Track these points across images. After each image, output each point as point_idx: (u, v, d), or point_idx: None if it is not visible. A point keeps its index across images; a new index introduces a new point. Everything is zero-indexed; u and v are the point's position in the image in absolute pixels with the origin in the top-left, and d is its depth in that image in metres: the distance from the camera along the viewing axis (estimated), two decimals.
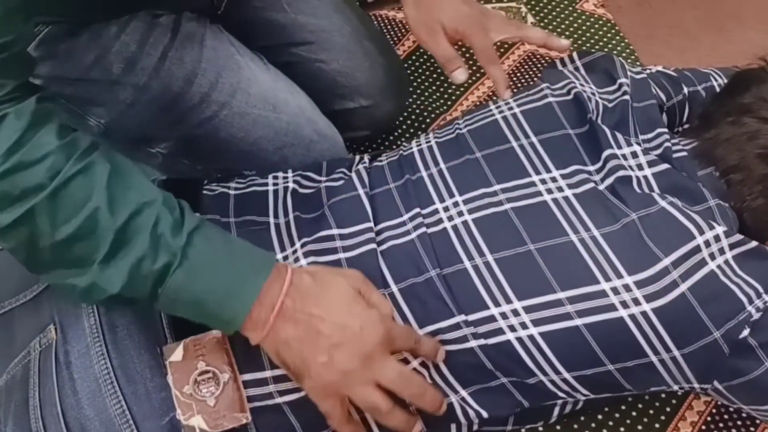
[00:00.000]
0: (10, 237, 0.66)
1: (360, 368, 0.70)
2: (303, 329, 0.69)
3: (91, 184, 0.65)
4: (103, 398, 0.72)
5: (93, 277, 0.65)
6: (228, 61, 1.02)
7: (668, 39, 1.48)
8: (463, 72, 0.96)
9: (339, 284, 0.72)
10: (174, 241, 0.66)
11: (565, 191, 0.79)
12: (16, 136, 0.63)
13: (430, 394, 0.74)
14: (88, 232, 0.64)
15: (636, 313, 0.72)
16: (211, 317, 0.69)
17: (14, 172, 0.62)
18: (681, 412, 0.98)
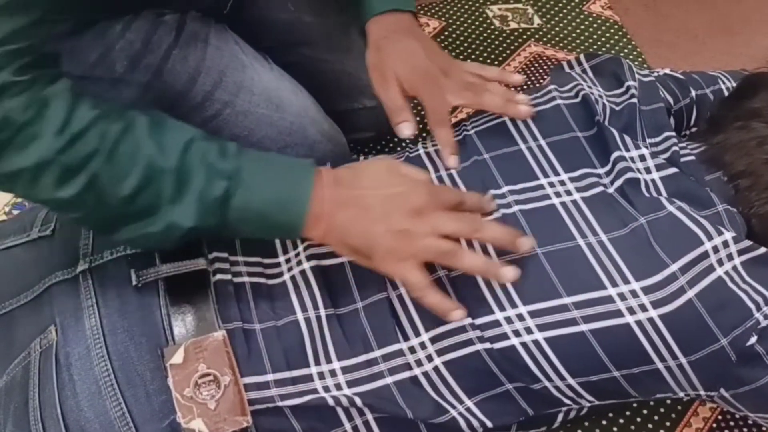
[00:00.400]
0: (79, 207, 0.70)
1: (416, 224, 0.72)
2: (354, 209, 0.73)
3: (137, 137, 0.70)
4: (103, 400, 0.71)
5: (167, 219, 0.70)
6: (232, 60, 1.02)
7: (676, 42, 1.48)
8: (409, 126, 0.89)
9: (372, 165, 0.77)
10: (225, 166, 0.71)
11: (574, 194, 0.79)
12: (63, 114, 0.67)
13: (490, 225, 0.74)
14: (149, 180, 0.69)
15: (643, 319, 0.72)
16: (277, 226, 0.73)
17: (70, 146, 0.67)
18: (686, 418, 0.98)
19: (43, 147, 0.66)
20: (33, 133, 0.66)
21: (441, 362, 0.75)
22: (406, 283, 0.74)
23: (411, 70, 0.90)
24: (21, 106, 0.66)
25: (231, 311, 0.76)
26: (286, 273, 0.80)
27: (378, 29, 0.95)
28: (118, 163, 0.68)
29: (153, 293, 0.75)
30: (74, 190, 0.68)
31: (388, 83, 0.90)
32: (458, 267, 0.74)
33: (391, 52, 0.92)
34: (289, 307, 0.77)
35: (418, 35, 0.95)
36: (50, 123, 0.67)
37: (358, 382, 0.75)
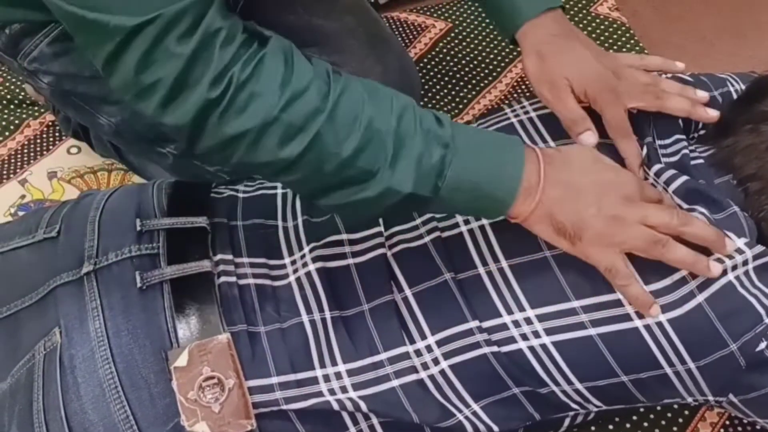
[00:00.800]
0: (299, 169, 0.69)
1: (627, 210, 0.71)
2: (568, 189, 0.72)
3: (356, 99, 0.69)
4: (107, 403, 0.71)
5: (384, 183, 0.68)
6: None
7: (684, 44, 1.47)
8: (593, 135, 0.82)
9: (577, 149, 0.77)
10: (442, 132, 0.70)
11: None
12: (281, 71, 0.66)
13: (699, 222, 0.72)
14: (370, 142, 0.68)
15: (651, 323, 0.71)
16: (488, 199, 0.71)
17: (292, 103, 0.66)
18: (693, 423, 0.97)
19: (268, 105, 0.65)
20: (255, 90, 0.65)
21: (447, 365, 0.75)
22: (613, 270, 0.71)
23: (583, 77, 0.83)
24: (239, 60, 0.65)
25: (235, 314, 0.76)
26: (292, 275, 0.79)
27: (536, 35, 0.87)
28: (339, 122, 0.67)
29: (157, 295, 0.75)
30: (297, 149, 0.67)
31: (562, 93, 0.83)
32: (666, 259, 0.71)
33: (560, 60, 0.85)
34: (294, 309, 0.77)
35: (579, 36, 0.89)
36: (271, 80, 0.66)
37: (363, 385, 0.74)
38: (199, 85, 0.65)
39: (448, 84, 1.38)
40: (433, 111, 0.72)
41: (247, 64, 0.65)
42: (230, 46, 0.65)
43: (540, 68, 0.85)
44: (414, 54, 1.43)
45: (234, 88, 0.65)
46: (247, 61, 0.65)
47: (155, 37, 0.63)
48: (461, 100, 1.35)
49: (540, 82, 0.85)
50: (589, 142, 0.81)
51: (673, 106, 0.82)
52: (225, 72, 0.65)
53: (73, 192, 1.22)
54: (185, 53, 0.64)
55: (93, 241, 0.80)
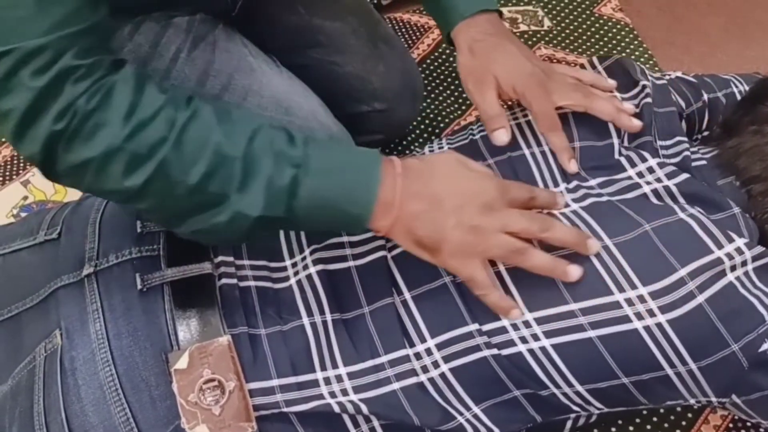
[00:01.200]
0: (147, 196, 0.69)
1: (487, 219, 0.72)
2: (426, 201, 0.71)
3: (204, 125, 0.69)
4: (107, 406, 0.71)
5: (234, 208, 0.69)
6: (241, 62, 1.01)
7: (688, 45, 1.47)
8: (506, 133, 0.84)
9: (441, 157, 0.76)
10: (293, 153, 0.70)
11: (572, 205, 0.78)
12: (129, 100, 0.67)
13: (559, 225, 0.73)
14: (217, 168, 0.68)
15: (651, 324, 0.71)
16: (345, 216, 0.71)
17: (137, 133, 0.66)
18: (697, 426, 0.97)
19: (111, 135, 0.66)
20: (100, 120, 0.65)
21: (448, 368, 0.74)
22: (471, 280, 0.73)
23: (513, 73, 0.86)
24: (86, 93, 0.65)
25: (236, 316, 0.76)
26: (293, 277, 0.79)
27: (469, 32, 0.91)
28: (186, 150, 0.67)
29: (158, 297, 0.75)
30: (142, 178, 0.67)
31: (486, 87, 0.86)
32: (526, 266, 0.73)
33: (489, 56, 0.88)
34: (295, 312, 0.77)
35: (511, 37, 0.91)
36: (117, 110, 0.66)
37: (364, 387, 0.74)
38: (45, 117, 0.65)
39: (451, 85, 1.38)
40: (288, 130, 0.72)
41: (94, 96, 0.66)
42: (84, 81, 0.65)
43: (470, 63, 0.89)
44: (417, 55, 1.43)
45: (79, 119, 0.65)
46: (95, 93, 0.66)
47: (10, 68, 0.64)
48: (464, 101, 1.35)
49: (467, 77, 0.89)
50: (503, 140, 0.83)
51: (600, 108, 0.83)
52: (71, 105, 0.65)
53: (76, 193, 1.21)
54: (37, 86, 0.64)
55: (94, 243, 0.80)
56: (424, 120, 1.33)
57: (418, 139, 1.30)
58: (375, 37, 1.13)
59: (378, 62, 1.12)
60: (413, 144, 1.29)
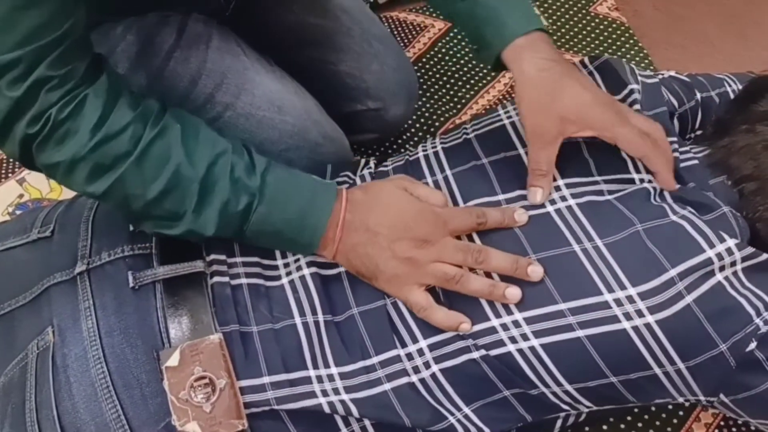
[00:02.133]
0: (108, 201, 0.74)
1: (420, 252, 0.74)
2: (364, 235, 0.75)
3: (168, 145, 0.72)
4: (99, 402, 0.71)
5: (187, 225, 0.74)
6: (234, 61, 1.01)
7: (685, 44, 1.46)
8: (542, 195, 0.78)
9: (386, 189, 0.78)
10: (251, 182, 0.74)
11: (569, 200, 0.78)
12: (98, 114, 0.70)
13: (495, 255, 0.75)
14: (175, 187, 0.72)
15: (639, 324, 0.71)
16: (291, 243, 0.77)
17: (102, 145, 0.70)
18: (688, 424, 0.97)
19: (78, 144, 0.70)
20: (70, 129, 0.70)
21: (438, 369, 0.75)
22: (408, 304, 0.75)
23: (586, 108, 0.78)
24: (60, 102, 0.69)
25: (228, 314, 0.76)
26: (285, 277, 0.80)
27: (531, 58, 0.79)
28: (146, 166, 0.71)
29: (150, 295, 0.76)
30: (103, 187, 0.72)
31: (548, 139, 0.78)
32: (463, 291, 0.74)
33: (557, 90, 0.78)
34: (287, 311, 0.77)
35: (572, 65, 0.82)
36: (86, 121, 0.70)
37: (356, 388, 0.74)
38: (21, 122, 0.69)
39: (447, 84, 1.38)
40: (253, 156, 0.76)
41: (67, 105, 0.69)
42: (58, 90, 0.69)
43: (536, 99, 0.79)
44: (413, 54, 1.43)
45: (51, 125, 0.69)
46: (68, 102, 0.69)
47: None
48: (459, 100, 1.35)
49: (530, 115, 0.79)
50: (535, 199, 0.78)
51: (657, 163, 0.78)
52: (44, 112, 0.69)
53: (71, 192, 1.22)
54: (14, 96, 0.68)
55: (86, 241, 0.80)
56: (419, 119, 1.33)
57: (413, 137, 1.30)
58: (369, 35, 1.13)
59: (372, 61, 1.12)
60: (408, 143, 1.30)
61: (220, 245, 0.81)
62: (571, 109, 0.78)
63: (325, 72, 1.12)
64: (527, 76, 0.79)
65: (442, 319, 0.74)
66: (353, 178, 0.88)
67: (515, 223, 0.77)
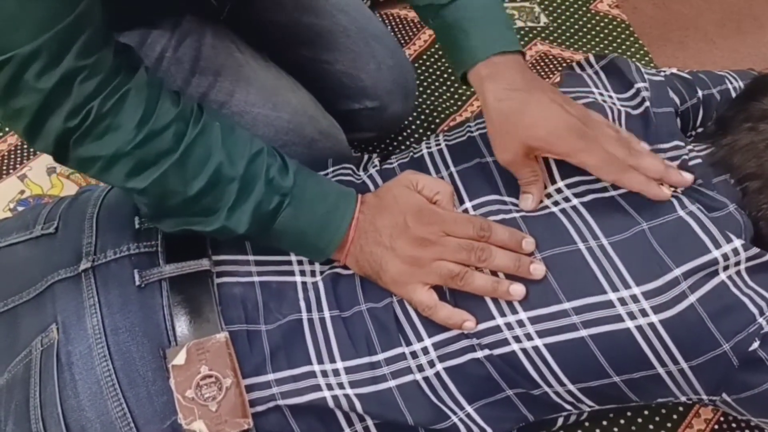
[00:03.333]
0: (146, 196, 0.74)
1: (422, 251, 0.75)
2: (371, 237, 0.76)
3: (210, 143, 0.73)
4: (104, 400, 0.71)
5: (222, 222, 0.74)
6: (227, 59, 1.01)
7: (684, 41, 1.47)
8: (534, 201, 0.78)
9: (392, 190, 0.79)
10: (285, 182, 0.75)
11: (572, 200, 0.78)
12: (142, 109, 0.70)
13: (498, 253, 0.75)
14: (215, 185, 0.73)
15: (643, 324, 0.71)
16: (310, 246, 0.78)
17: (148, 142, 0.70)
18: (688, 419, 0.97)
19: (121, 139, 0.70)
20: (113, 124, 0.69)
21: (442, 368, 0.75)
22: (413, 303, 0.75)
23: (549, 136, 0.77)
24: (101, 95, 0.68)
25: (235, 312, 0.76)
26: (298, 275, 0.80)
27: (492, 86, 0.79)
28: (189, 164, 0.72)
29: (156, 293, 0.75)
30: (144, 183, 0.72)
31: (523, 163, 0.78)
32: (467, 290, 0.75)
33: (517, 120, 0.78)
34: (295, 308, 0.77)
35: (539, 85, 0.80)
36: (130, 117, 0.69)
37: (360, 383, 0.75)
38: (58, 115, 0.68)
39: (447, 81, 1.38)
40: (284, 157, 0.77)
41: (108, 99, 0.69)
42: (92, 80, 0.68)
43: (497, 131, 0.79)
44: (413, 51, 1.43)
45: (93, 119, 0.68)
46: (109, 96, 0.69)
47: (13, 74, 0.66)
48: (460, 97, 1.35)
49: (496, 147, 0.80)
50: (527, 205, 0.78)
51: (647, 165, 0.77)
52: (84, 104, 0.68)
53: (73, 187, 1.22)
54: (45, 88, 0.67)
55: (91, 238, 0.80)
56: (419, 116, 1.33)
57: (414, 134, 1.30)
58: (366, 34, 1.13)
59: (369, 60, 1.12)
60: (409, 140, 1.29)
61: (233, 244, 0.81)
62: (534, 135, 0.77)
63: (322, 71, 1.12)
64: (489, 107, 0.80)
65: (447, 316, 0.74)
66: (358, 174, 0.88)
67: (521, 251, 0.75)
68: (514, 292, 0.73)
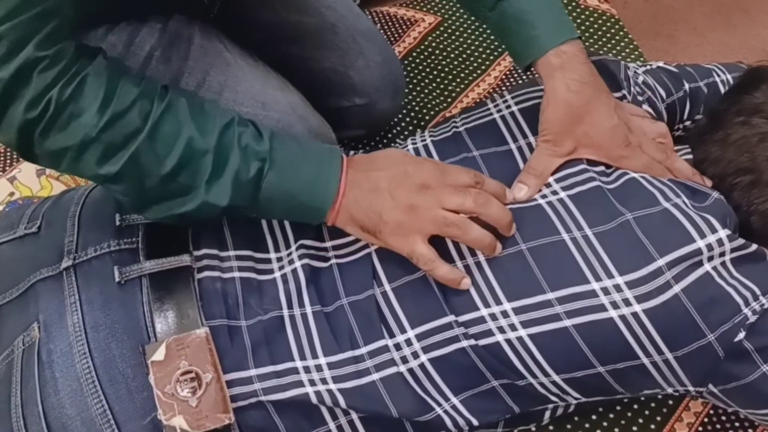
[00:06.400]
0: (121, 182, 0.72)
1: (421, 198, 0.74)
2: (365, 187, 0.75)
3: (178, 119, 0.72)
4: (84, 398, 0.71)
5: (202, 198, 0.73)
6: (216, 58, 1.01)
7: (674, 35, 1.46)
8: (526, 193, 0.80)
9: (385, 152, 0.81)
10: (260, 147, 0.74)
11: (560, 193, 0.79)
12: (102, 92, 0.69)
13: (496, 203, 0.75)
14: (189, 160, 0.72)
15: (627, 314, 0.71)
16: (305, 207, 0.76)
17: (113, 124, 0.69)
18: (678, 412, 0.97)
19: (86, 126, 0.68)
20: (75, 111, 0.68)
21: (427, 359, 0.75)
22: (413, 256, 0.74)
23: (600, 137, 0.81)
24: (59, 83, 0.67)
25: (216, 308, 0.76)
26: (278, 271, 0.80)
27: (563, 75, 0.80)
28: (159, 142, 0.71)
29: (136, 290, 0.75)
30: (116, 167, 0.70)
31: (559, 154, 0.81)
32: (464, 240, 0.75)
33: (580, 113, 0.80)
34: (276, 304, 0.77)
35: (601, 83, 0.83)
36: (91, 101, 0.68)
37: (344, 378, 0.74)
38: (17, 106, 0.67)
39: (437, 78, 1.37)
40: (255, 124, 0.76)
41: (67, 86, 0.68)
42: (51, 70, 0.67)
43: (558, 118, 0.81)
44: (403, 48, 1.42)
45: (54, 108, 0.67)
46: (67, 83, 0.68)
47: None
48: (449, 94, 1.35)
49: (549, 128, 0.81)
50: (519, 195, 0.79)
51: (680, 167, 0.83)
52: (43, 94, 0.67)
53: (62, 189, 1.22)
54: (3, 78, 0.66)
55: (73, 236, 0.80)
56: (409, 113, 1.32)
57: (403, 132, 1.30)
58: (354, 31, 1.12)
59: (357, 57, 1.12)
60: (399, 137, 1.29)
61: (213, 239, 0.81)
62: (589, 136, 0.80)
63: (309, 69, 1.11)
64: (557, 95, 0.81)
65: (447, 272, 0.74)
66: None
67: (504, 199, 0.77)
68: (497, 250, 0.75)
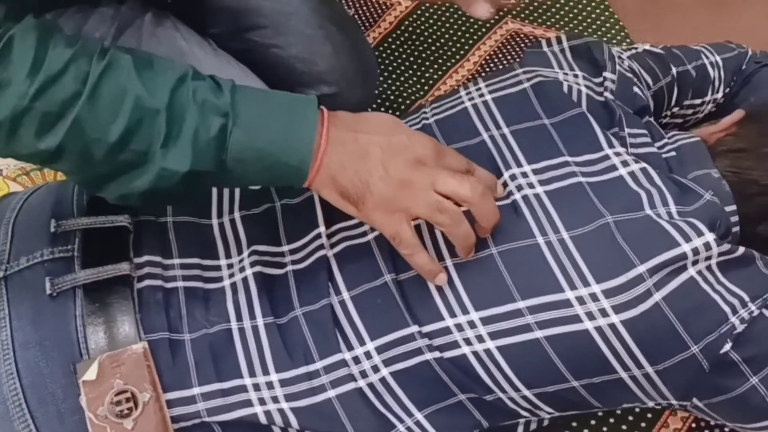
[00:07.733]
0: (65, 157, 0.65)
1: (416, 174, 0.67)
2: (352, 148, 0.67)
3: (121, 77, 0.64)
4: (10, 422, 0.66)
5: (159, 164, 0.65)
6: (171, 47, 0.95)
7: (662, 15, 1.43)
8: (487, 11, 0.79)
9: (376, 114, 0.72)
10: (220, 101, 0.65)
11: (536, 188, 0.74)
12: (31, 54, 0.62)
13: (491, 199, 0.70)
14: (139, 123, 0.64)
15: (603, 325, 0.67)
16: (281, 167, 0.67)
17: (45, 90, 0.62)
18: (663, 418, 0.93)
19: (16, 94, 0.61)
20: (1, 80, 0.61)
21: (388, 372, 0.70)
22: (396, 237, 0.68)
23: None
24: None
25: (157, 320, 0.71)
26: (227, 279, 0.75)
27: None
28: (101, 105, 0.63)
29: (69, 302, 0.70)
30: (57, 139, 0.63)
31: None
32: (450, 232, 0.68)
33: None
34: (223, 315, 0.72)
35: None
36: (19, 67, 0.61)
37: (297, 396, 0.70)
38: None
39: (414, 64, 1.33)
40: (214, 77, 0.67)
41: None
42: None
43: None
44: (378, 33, 1.38)
45: None
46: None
47: None
48: (427, 81, 1.31)
49: None
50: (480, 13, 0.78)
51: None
52: None
53: (19, 190, 1.16)
54: None
55: (5, 245, 0.74)
56: (384, 101, 1.28)
57: None
58: (320, 16, 1.07)
59: (324, 43, 1.06)
60: None
61: (156, 245, 0.75)
62: None
63: (273, 57, 1.06)
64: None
65: (427, 262, 0.69)
66: None
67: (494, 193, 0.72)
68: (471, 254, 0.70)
